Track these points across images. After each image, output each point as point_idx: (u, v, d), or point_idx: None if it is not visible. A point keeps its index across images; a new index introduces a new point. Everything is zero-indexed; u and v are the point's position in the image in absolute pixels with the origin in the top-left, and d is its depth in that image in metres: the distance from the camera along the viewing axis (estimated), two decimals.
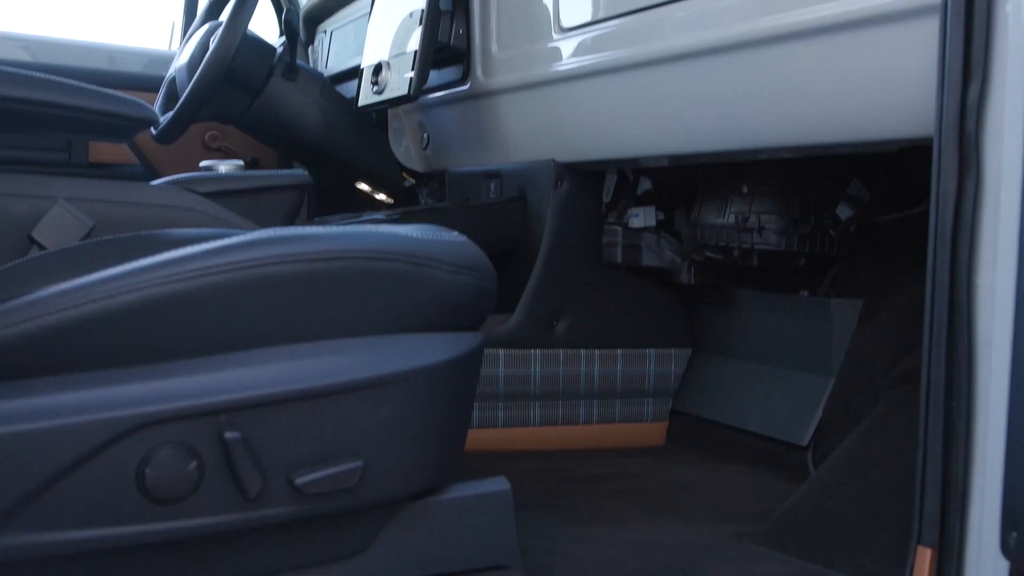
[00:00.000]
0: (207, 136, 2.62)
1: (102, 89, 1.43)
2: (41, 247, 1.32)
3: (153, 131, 2.02)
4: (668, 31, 1.37)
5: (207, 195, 1.52)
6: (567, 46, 1.59)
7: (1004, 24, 0.91)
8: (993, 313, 0.91)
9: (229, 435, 0.80)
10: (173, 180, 1.57)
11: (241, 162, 1.71)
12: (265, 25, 2.97)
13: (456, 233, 1.01)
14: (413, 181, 2.31)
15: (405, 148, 2.20)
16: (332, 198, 2.36)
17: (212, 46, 1.97)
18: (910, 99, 1.06)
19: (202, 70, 1.95)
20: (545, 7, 1.64)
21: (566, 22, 1.59)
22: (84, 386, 0.79)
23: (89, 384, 0.79)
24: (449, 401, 0.92)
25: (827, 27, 1.13)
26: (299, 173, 1.69)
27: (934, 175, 0.94)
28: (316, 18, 2.65)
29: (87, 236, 1.35)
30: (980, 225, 0.93)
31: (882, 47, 1.08)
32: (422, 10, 1.76)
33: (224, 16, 2.23)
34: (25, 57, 2.65)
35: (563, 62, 1.60)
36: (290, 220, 1.65)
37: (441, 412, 0.91)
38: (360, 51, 2.23)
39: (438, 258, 0.92)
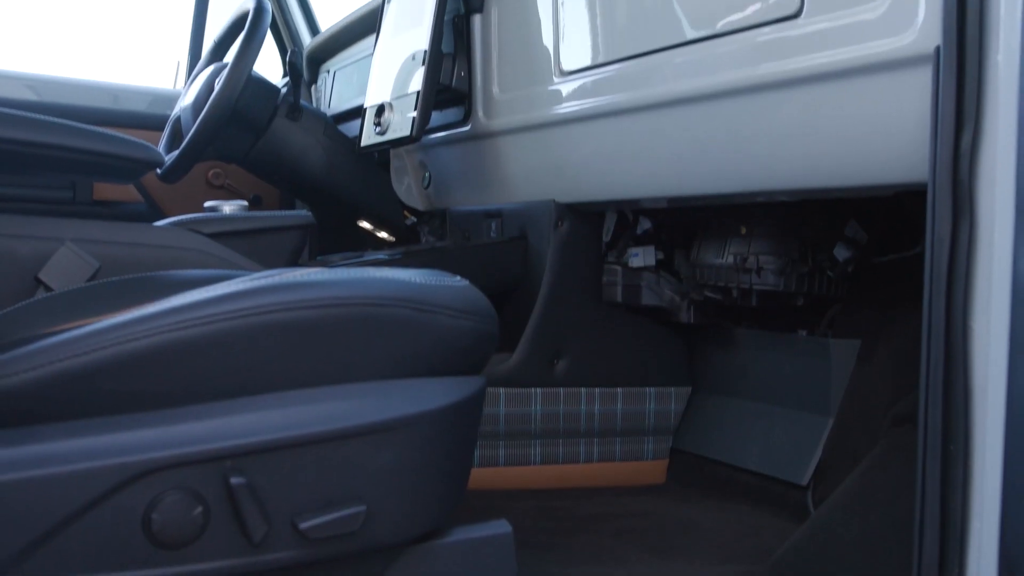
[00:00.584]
0: (210, 174, 2.64)
1: (109, 131, 1.45)
2: (48, 288, 1.33)
3: (158, 171, 2.04)
4: (667, 76, 1.39)
5: (211, 236, 1.54)
6: (567, 89, 1.61)
7: (995, 73, 0.93)
8: (988, 357, 0.92)
9: (234, 480, 0.81)
10: (178, 221, 1.58)
11: (245, 202, 1.73)
12: (269, 62, 3.01)
13: (458, 277, 1.02)
14: (414, 219, 2.33)
15: (407, 187, 2.22)
16: (334, 235, 2.38)
17: (217, 87, 2.00)
18: (905, 145, 1.07)
19: (207, 111, 1.98)
20: (545, 51, 1.67)
21: (566, 66, 1.62)
22: (92, 432, 0.80)
23: (97, 430, 0.80)
24: (451, 445, 0.93)
25: (822, 75, 1.15)
26: (302, 214, 1.71)
27: (929, 221, 0.96)
28: (319, 58, 2.69)
29: (93, 277, 1.37)
30: (975, 270, 0.94)
31: (876, 95, 1.10)
32: (424, 52, 1.79)
33: (228, 57, 2.27)
34: (31, 96, 2.68)
35: (563, 105, 1.62)
36: (293, 260, 1.67)
37: (444, 456, 0.92)
38: (362, 91, 2.26)
39: (440, 303, 0.94)
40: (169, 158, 2.08)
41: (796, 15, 1.18)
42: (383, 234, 2.38)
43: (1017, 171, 0.85)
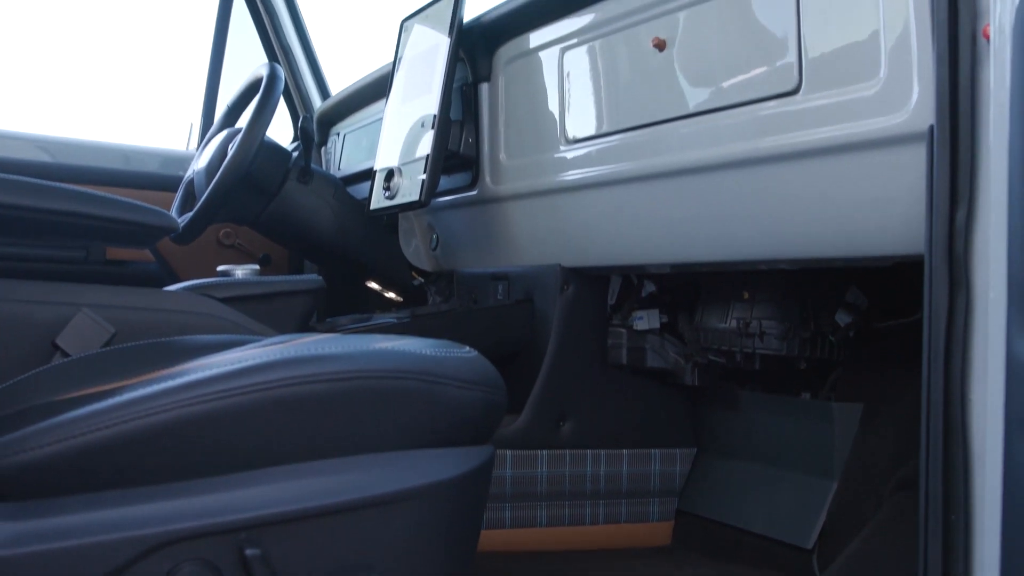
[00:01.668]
0: (221, 234, 2.68)
1: (125, 199, 1.49)
2: (65, 354, 1.36)
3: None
4: (671, 146, 1.43)
5: (224, 300, 1.57)
6: (573, 157, 1.65)
7: (987, 151, 0.96)
8: (986, 427, 0.94)
9: (249, 552, 0.83)
10: (191, 286, 1.62)
11: (257, 266, 1.76)
12: (279, 123, 3.07)
13: (467, 348, 1.05)
14: (422, 280, 2.36)
15: (414, 248, 2.25)
16: (342, 295, 2.41)
17: (231, 152, 2.04)
18: (901, 219, 1.11)
19: (220, 175, 2.02)
20: (552, 119, 1.71)
21: (572, 134, 1.66)
22: (110, 505, 0.82)
23: (115, 503, 0.83)
24: (461, 514, 0.94)
25: (821, 150, 1.19)
26: (312, 278, 1.74)
27: (926, 294, 0.99)
28: (330, 120, 2.74)
29: (109, 342, 1.39)
30: (971, 343, 0.97)
31: (874, 170, 1.13)
32: (434, 116, 1.83)
33: (241, 122, 2.32)
34: (45, 157, 2.73)
35: (569, 172, 1.66)
36: (303, 324, 1.70)
37: (453, 525, 0.93)
38: (371, 154, 2.31)
39: (450, 375, 0.96)
40: (182, 220, 2.12)
41: (795, 91, 1.23)
42: (391, 294, 2.41)
43: (1009, 247, 0.88)
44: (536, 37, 1.75)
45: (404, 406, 0.93)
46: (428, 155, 1.82)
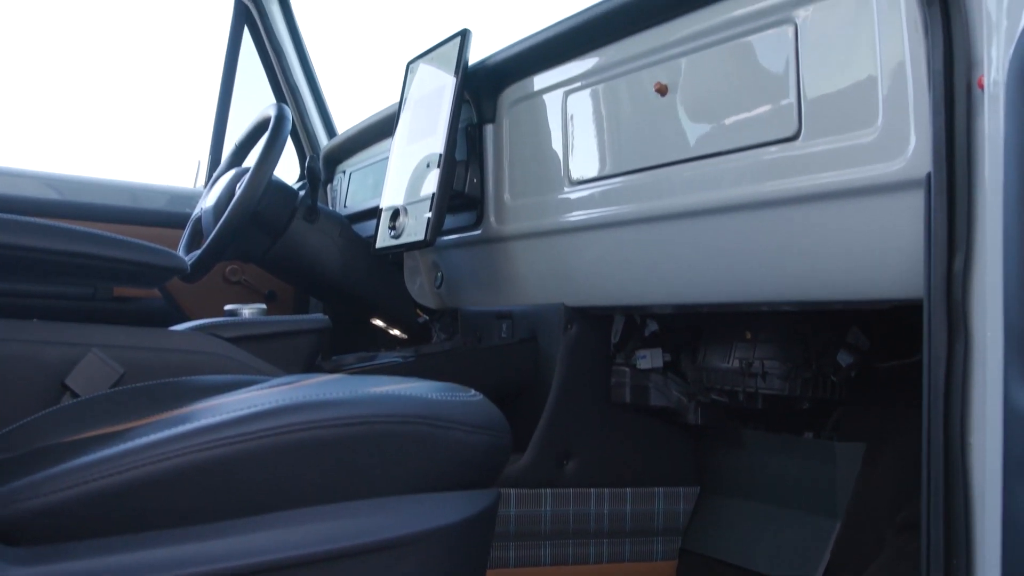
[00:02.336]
0: (228, 270, 2.70)
1: (135, 240, 1.51)
2: (74, 394, 1.37)
3: None
4: (674, 189, 1.45)
5: (231, 340, 1.58)
6: (576, 198, 1.68)
7: (984, 199, 0.98)
8: (985, 471, 0.95)
9: None
10: (199, 325, 1.63)
11: (263, 306, 1.78)
12: (285, 161, 3.10)
13: (472, 391, 1.06)
14: (426, 317, 2.38)
15: (419, 286, 2.27)
16: (347, 332, 2.42)
17: (238, 192, 2.07)
18: (901, 263, 1.12)
19: (228, 214, 2.04)
20: (556, 160, 1.73)
21: (576, 175, 1.68)
22: (122, 550, 0.83)
23: (127, 548, 0.84)
24: (466, 558, 0.95)
25: (821, 195, 1.21)
26: (318, 318, 1.75)
27: (925, 339, 1.00)
28: (335, 158, 2.77)
29: (118, 382, 1.41)
30: (970, 388, 0.98)
31: (873, 215, 1.15)
32: (439, 156, 1.86)
33: (248, 161, 2.35)
34: (53, 195, 2.76)
35: (573, 213, 1.68)
36: (310, 363, 1.71)
37: (458, 569, 0.94)
38: (377, 191, 2.33)
39: (456, 419, 0.97)
40: (190, 258, 2.14)
41: (795, 137, 1.25)
42: (396, 332, 2.42)
43: (1005, 295, 0.89)
44: (540, 80, 1.78)
45: (410, 451, 0.95)
46: (433, 195, 1.84)
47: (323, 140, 2.92)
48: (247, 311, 1.73)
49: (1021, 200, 0.85)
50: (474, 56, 1.90)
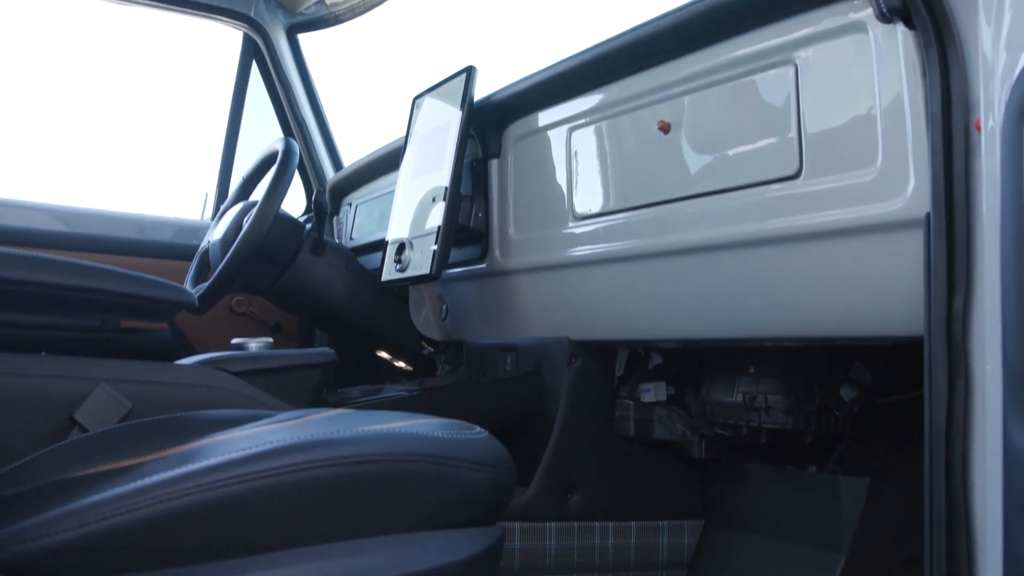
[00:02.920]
0: (234, 302, 2.72)
1: (144, 275, 1.52)
2: (83, 428, 1.38)
3: None
4: (677, 226, 1.47)
5: (238, 374, 1.59)
6: (581, 233, 1.69)
7: (982, 238, 0.99)
8: (986, 509, 0.96)
9: None
10: (206, 360, 1.65)
11: (270, 339, 1.79)
12: (291, 193, 3.12)
13: (478, 428, 1.07)
14: (431, 349, 2.39)
15: (424, 318, 2.28)
16: (353, 364, 2.43)
17: (246, 226, 2.09)
18: (902, 301, 1.13)
19: (235, 248, 2.06)
20: (560, 195, 1.75)
21: (580, 210, 1.70)
22: None
23: None
24: None
25: (822, 233, 1.22)
26: (324, 351, 1.77)
27: (926, 377, 1.01)
28: (342, 191, 2.79)
29: (126, 417, 1.42)
30: (971, 426, 0.99)
31: (873, 254, 1.17)
32: (445, 190, 1.88)
33: (256, 195, 2.38)
34: (61, 227, 2.77)
35: (577, 248, 1.70)
36: (316, 396, 1.72)
37: None
38: (382, 224, 2.35)
39: (462, 457, 0.98)
40: (197, 290, 2.16)
41: (796, 176, 1.26)
42: (401, 363, 2.44)
43: (1004, 335, 0.90)
44: (545, 116, 1.80)
45: (417, 489, 0.96)
46: (439, 228, 1.86)
47: (330, 173, 2.95)
48: (254, 345, 1.75)
49: (1018, 242, 0.87)
50: (479, 92, 1.93)
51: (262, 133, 2.97)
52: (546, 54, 1.76)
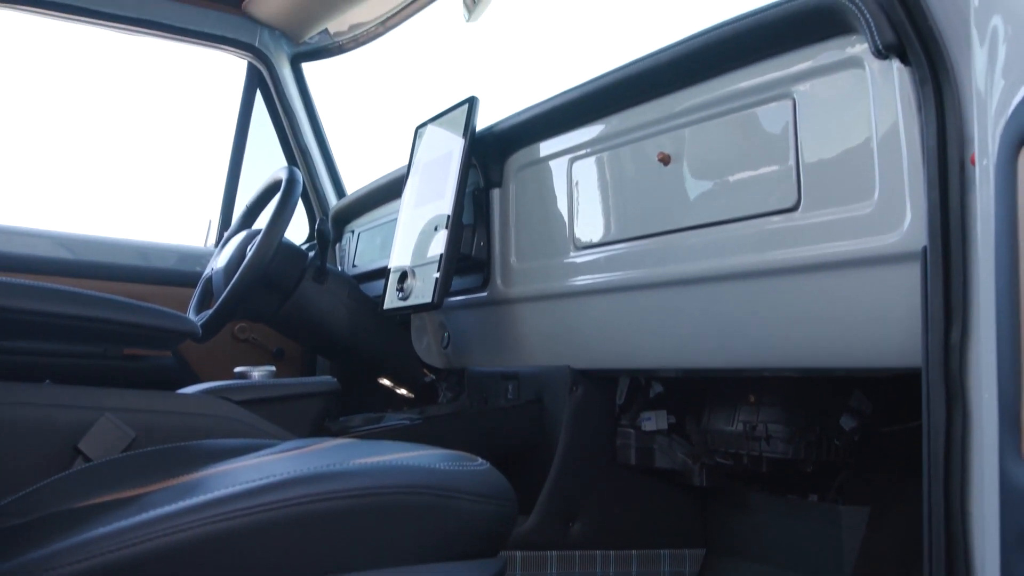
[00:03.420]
0: (236, 328, 2.73)
1: (149, 305, 1.53)
2: (87, 458, 1.39)
3: None
4: (678, 256, 1.48)
5: (241, 403, 1.60)
6: (582, 262, 1.70)
7: (978, 272, 1.01)
8: (985, 541, 0.96)
9: None
10: (209, 388, 1.65)
11: (273, 368, 1.81)
12: (294, 221, 3.14)
13: (479, 460, 1.08)
14: (433, 377, 2.40)
15: (426, 345, 2.29)
16: (355, 390, 2.44)
17: (249, 254, 2.10)
18: (899, 333, 1.14)
19: (239, 276, 2.08)
20: (561, 225, 1.77)
21: (581, 240, 1.71)
22: None
23: None
24: None
25: (820, 265, 1.23)
26: (326, 380, 1.78)
27: (924, 410, 1.02)
28: (344, 218, 2.81)
29: (130, 446, 1.43)
30: (969, 459, 1.00)
31: (872, 286, 1.18)
32: (447, 218, 1.89)
33: (259, 223, 2.39)
34: (66, 254, 2.79)
35: (578, 277, 1.71)
36: (318, 425, 1.73)
37: None
38: (384, 252, 2.37)
39: (463, 489, 0.99)
40: (200, 318, 2.17)
41: (795, 208, 1.28)
42: (402, 391, 2.44)
43: (999, 368, 0.91)
44: (546, 147, 1.82)
45: (419, 521, 0.96)
46: (441, 257, 1.87)
47: (332, 201, 2.97)
48: (256, 373, 1.76)
49: (1012, 277, 0.88)
50: (481, 122, 1.95)
51: (266, 160, 2.99)
52: (549, 84, 1.79)
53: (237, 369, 1.81)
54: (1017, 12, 0.92)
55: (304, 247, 2.54)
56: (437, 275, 1.87)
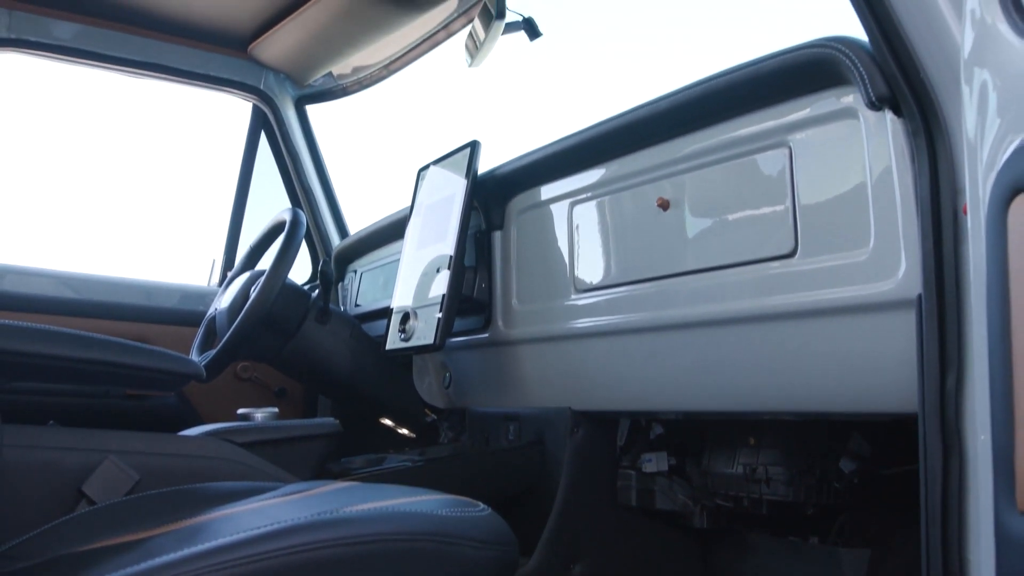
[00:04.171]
0: (239, 368, 2.74)
1: (154, 348, 1.55)
2: (91, 501, 1.40)
3: None
4: (677, 300, 1.50)
5: (244, 445, 1.61)
6: (583, 305, 1.72)
7: (972, 320, 1.02)
8: None
9: None
10: (212, 431, 1.66)
11: (275, 409, 1.82)
12: (297, 260, 3.16)
13: (481, 505, 1.09)
14: (435, 417, 2.40)
15: (428, 385, 2.30)
16: (356, 429, 2.45)
17: (253, 295, 2.12)
18: (896, 379, 1.16)
19: (242, 317, 2.09)
20: (562, 267, 1.78)
21: (582, 283, 1.73)
22: None
23: None
24: None
25: (817, 311, 1.25)
26: (328, 422, 1.79)
27: (921, 455, 1.03)
28: (347, 258, 2.83)
29: (133, 489, 1.44)
30: (967, 504, 1.01)
31: (868, 332, 1.19)
32: (449, 259, 1.91)
33: (263, 263, 2.41)
34: (69, 293, 2.80)
35: (578, 320, 1.73)
36: (320, 466, 1.74)
37: None
38: (386, 291, 2.39)
39: (465, 535, 1.00)
40: (204, 358, 2.18)
41: (792, 254, 1.30)
42: (404, 431, 2.45)
43: (992, 417, 0.92)
44: (547, 190, 1.84)
45: (421, 568, 0.97)
46: (443, 298, 1.89)
47: (335, 241, 2.99)
48: (259, 415, 1.77)
49: (1004, 328, 0.89)
50: (483, 165, 1.97)
51: (270, 201, 3.02)
52: (550, 127, 1.81)
53: (240, 411, 1.82)
54: (1004, 66, 0.94)
55: (306, 287, 2.56)
56: (439, 316, 1.89)
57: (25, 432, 1.47)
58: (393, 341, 2.07)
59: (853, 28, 1.16)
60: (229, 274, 2.46)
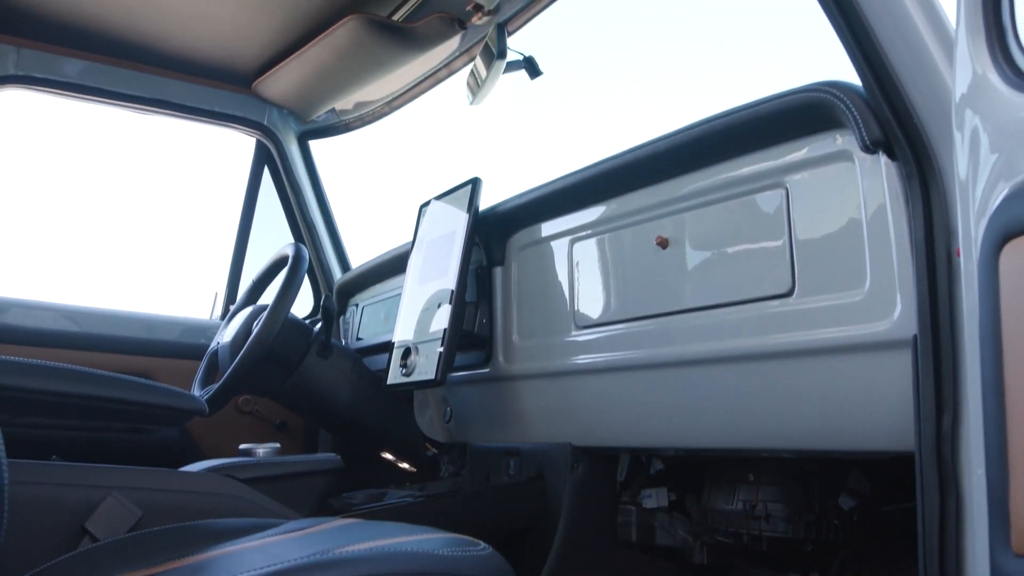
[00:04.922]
0: (240, 401, 2.75)
1: (159, 384, 1.57)
2: (94, 538, 1.40)
3: None
4: (676, 338, 1.51)
5: (245, 481, 1.62)
6: (583, 341, 1.73)
7: (967, 360, 1.03)
8: None
9: None
10: (214, 467, 1.67)
11: (277, 445, 1.82)
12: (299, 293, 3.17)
13: (482, 544, 1.09)
14: (435, 451, 2.41)
15: (428, 419, 2.31)
16: (357, 464, 2.45)
17: (255, 330, 2.14)
18: (893, 418, 1.17)
19: (244, 352, 2.11)
20: (563, 304, 1.80)
21: (582, 320, 1.74)
22: None
23: None
24: None
25: (814, 350, 1.26)
26: (330, 458, 1.79)
27: (919, 494, 1.04)
28: (348, 292, 2.85)
29: (136, 525, 1.44)
30: (964, 543, 1.02)
31: (865, 371, 1.21)
32: (451, 293, 1.93)
33: (265, 298, 2.43)
34: (72, 327, 2.81)
35: (579, 356, 1.74)
36: (321, 503, 1.74)
37: None
38: (388, 325, 2.40)
39: (465, 575, 1.01)
40: (205, 392, 2.19)
41: (789, 294, 1.31)
42: (404, 465, 2.45)
43: (987, 458, 0.93)
44: (548, 227, 1.86)
45: None
46: (444, 333, 1.90)
47: (337, 274, 3.01)
48: (261, 450, 1.78)
49: (997, 371, 0.90)
50: (484, 202, 1.99)
51: (272, 235, 3.04)
52: (550, 164, 1.84)
53: (242, 446, 1.83)
54: (994, 112, 0.96)
55: (308, 321, 2.58)
56: (440, 351, 1.90)
57: (27, 468, 1.48)
58: (394, 376, 2.08)
59: (847, 72, 1.19)
60: (232, 308, 2.47)
